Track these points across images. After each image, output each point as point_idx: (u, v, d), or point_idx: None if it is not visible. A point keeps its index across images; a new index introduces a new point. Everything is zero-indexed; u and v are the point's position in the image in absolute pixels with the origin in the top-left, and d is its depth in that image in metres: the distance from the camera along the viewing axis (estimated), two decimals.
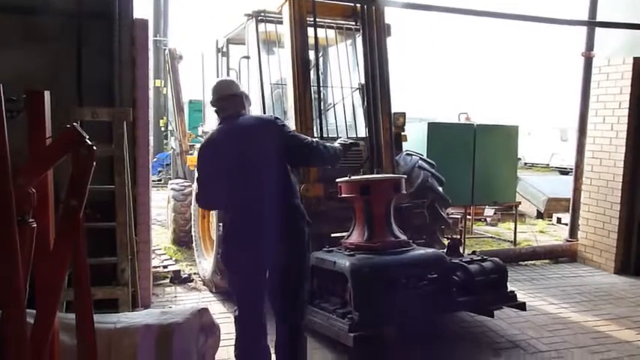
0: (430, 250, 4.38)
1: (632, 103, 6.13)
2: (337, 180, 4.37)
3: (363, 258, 3.96)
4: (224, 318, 4.57)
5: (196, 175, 3.36)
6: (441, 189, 5.92)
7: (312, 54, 5.15)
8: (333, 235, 5.08)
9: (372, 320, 3.78)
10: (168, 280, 5.78)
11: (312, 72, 5.08)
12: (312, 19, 4.96)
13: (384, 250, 4.11)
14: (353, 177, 4.30)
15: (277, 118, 3.38)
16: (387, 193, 4.27)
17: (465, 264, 4.37)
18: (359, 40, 6.37)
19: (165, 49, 11.26)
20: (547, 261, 6.93)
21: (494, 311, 4.42)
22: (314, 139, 3.40)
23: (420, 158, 6.10)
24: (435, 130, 7.58)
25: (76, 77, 4.52)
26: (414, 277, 4.06)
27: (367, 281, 3.83)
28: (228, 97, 3.26)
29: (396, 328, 3.86)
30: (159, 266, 6.15)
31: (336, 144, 3.58)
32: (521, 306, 4.45)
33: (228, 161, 3.07)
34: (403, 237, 4.29)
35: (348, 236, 4.37)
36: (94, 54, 4.57)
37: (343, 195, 4.31)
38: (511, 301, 4.45)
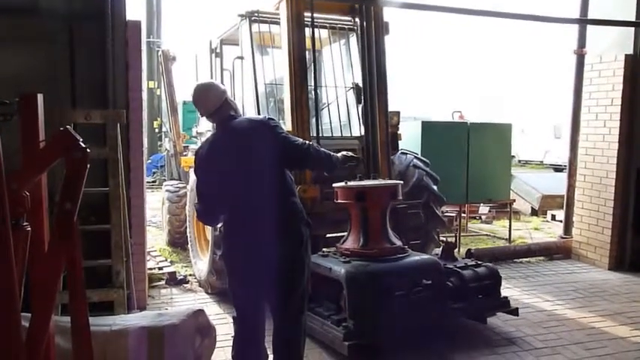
0: (425, 257, 4.40)
1: (624, 100, 6.17)
2: (334, 185, 4.37)
3: (359, 265, 3.96)
4: (220, 319, 4.58)
5: (194, 187, 3.32)
6: (435, 188, 5.93)
7: (308, 53, 5.16)
8: (328, 235, 5.09)
9: (367, 329, 3.78)
10: (163, 282, 5.77)
11: (308, 71, 5.07)
12: (308, 17, 4.95)
13: (380, 256, 4.12)
14: (350, 183, 4.30)
15: (270, 118, 3.34)
16: (383, 199, 4.28)
17: (459, 269, 4.40)
18: (353, 39, 6.38)
19: (158, 51, 11.22)
20: (542, 258, 6.97)
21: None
22: (307, 142, 3.34)
23: (415, 157, 6.12)
24: (429, 128, 7.61)
25: (69, 79, 4.50)
26: (409, 285, 4.06)
27: (362, 290, 3.84)
28: (215, 112, 3.23)
29: (391, 335, 3.85)
30: (154, 268, 6.14)
31: (339, 155, 3.47)
32: (514, 312, 4.48)
33: (225, 165, 3.10)
34: (399, 243, 4.31)
35: (344, 241, 4.37)
36: (87, 56, 4.54)
37: (339, 200, 4.31)
38: (504, 307, 4.49)
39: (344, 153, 3.55)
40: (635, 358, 3.94)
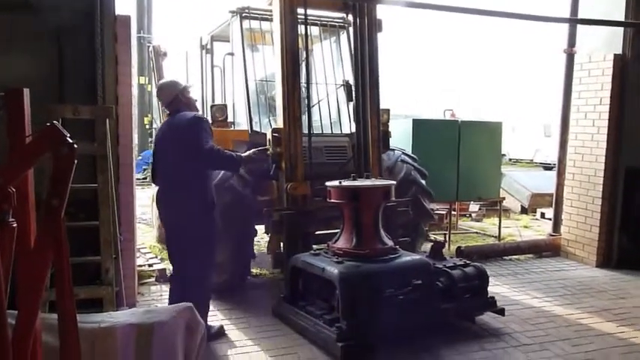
0: (417, 257, 4.44)
1: (613, 99, 6.22)
2: (327, 184, 4.37)
3: (352, 266, 3.98)
4: (211, 316, 4.57)
5: None
6: (424, 182, 5.96)
7: (299, 50, 5.14)
8: (318, 232, 5.09)
9: (360, 329, 3.81)
10: (153, 279, 5.75)
11: (300, 68, 5.06)
12: (302, 13, 4.93)
13: (372, 257, 4.15)
14: (344, 183, 4.30)
15: (199, 118, 3.99)
16: (376, 199, 4.30)
17: (448, 269, 4.43)
18: (343, 37, 6.39)
19: (149, 46, 11.14)
20: (531, 255, 7.02)
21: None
22: (212, 146, 3.83)
23: (403, 153, 6.15)
24: (420, 126, 7.63)
25: (57, 74, 4.46)
26: (400, 285, 4.09)
27: (356, 290, 3.87)
28: (169, 104, 4.15)
29: (383, 335, 3.89)
30: (144, 265, 6.12)
31: (250, 152, 4.23)
32: (501, 311, 4.53)
33: (161, 147, 4.08)
34: (390, 243, 4.34)
35: (336, 240, 4.38)
36: (76, 51, 4.51)
37: (332, 200, 4.31)
38: (492, 306, 4.55)
39: (254, 150, 4.28)
40: (621, 354, 3.98)
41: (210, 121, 4.54)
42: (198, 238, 3.98)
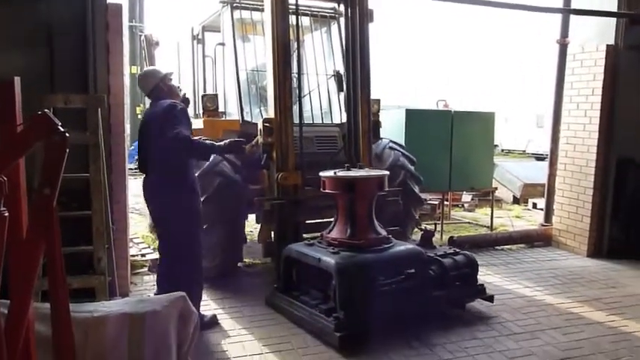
0: (410, 246, 4.49)
1: (605, 90, 6.24)
2: (321, 174, 4.38)
3: (348, 256, 4.01)
4: (204, 305, 4.58)
5: None
6: (412, 167, 6.00)
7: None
8: (308, 221, 5.11)
9: (357, 319, 3.85)
10: (146, 269, 5.75)
11: (292, 59, 5.04)
12: (293, 3, 4.91)
13: (367, 247, 4.18)
14: (339, 173, 4.31)
15: (173, 106, 3.90)
16: (371, 190, 4.32)
17: (440, 258, 4.48)
18: (334, 28, 6.38)
19: (141, 35, 11.04)
20: (522, 245, 7.06)
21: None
22: (178, 131, 3.75)
23: (391, 141, 6.18)
24: (413, 116, 7.63)
25: (48, 63, 4.42)
26: (395, 274, 4.16)
27: (353, 281, 3.90)
28: (150, 93, 4.17)
29: (378, 324, 3.93)
30: (137, 255, 6.11)
31: (227, 141, 4.14)
32: (490, 299, 4.60)
33: (142, 132, 4.12)
34: (384, 233, 4.37)
35: (330, 230, 4.39)
36: (67, 39, 4.46)
37: (327, 190, 4.32)
38: (481, 294, 4.62)
39: (230, 140, 4.19)
40: (611, 342, 4.02)
41: (189, 110, 4.41)
42: (181, 225, 4.00)
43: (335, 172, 4.32)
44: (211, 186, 4.85)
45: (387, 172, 4.57)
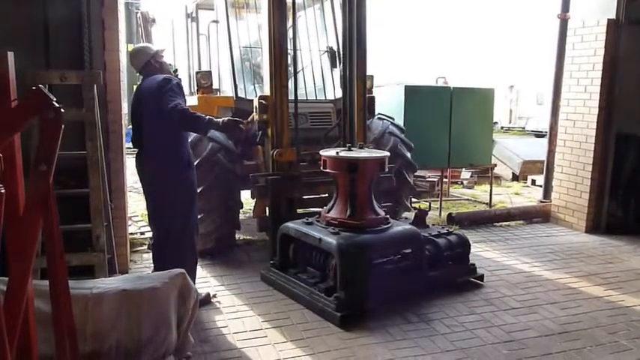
0: (407, 227, 4.53)
1: (606, 65, 6.18)
2: (322, 153, 4.37)
3: (348, 237, 4.04)
4: (203, 282, 4.61)
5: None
6: (409, 155, 6.02)
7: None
8: (305, 197, 5.15)
9: (357, 299, 3.90)
10: (145, 247, 5.76)
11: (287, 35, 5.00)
12: None
13: (367, 227, 4.20)
14: (341, 153, 4.29)
15: (169, 79, 3.90)
16: (372, 171, 4.33)
17: (434, 238, 4.52)
18: (327, 4, 6.34)
19: (137, 12, 10.89)
20: (521, 222, 7.08)
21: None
22: (176, 103, 3.74)
23: (392, 123, 6.16)
24: (412, 93, 7.57)
25: (43, 39, 4.36)
26: (392, 254, 4.22)
27: (354, 261, 3.93)
28: (141, 70, 4.13)
29: (377, 303, 4.00)
30: (136, 233, 6.12)
31: (225, 119, 4.09)
32: (480, 278, 4.69)
33: (134, 108, 4.07)
34: (382, 213, 4.39)
35: (329, 210, 4.39)
36: (62, 15, 4.39)
37: (327, 170, 4.31)
38: (473, 273, 4.69)
39: (228, 118, 4.17)
40: (609, 317, 4.06)
41: (183, 84, 4.42)
42: (176, 200, 3.98)
43: (337, 152, 4.31)
44: (208, 177, 4.97)
45: (388, 153, 4.56)
